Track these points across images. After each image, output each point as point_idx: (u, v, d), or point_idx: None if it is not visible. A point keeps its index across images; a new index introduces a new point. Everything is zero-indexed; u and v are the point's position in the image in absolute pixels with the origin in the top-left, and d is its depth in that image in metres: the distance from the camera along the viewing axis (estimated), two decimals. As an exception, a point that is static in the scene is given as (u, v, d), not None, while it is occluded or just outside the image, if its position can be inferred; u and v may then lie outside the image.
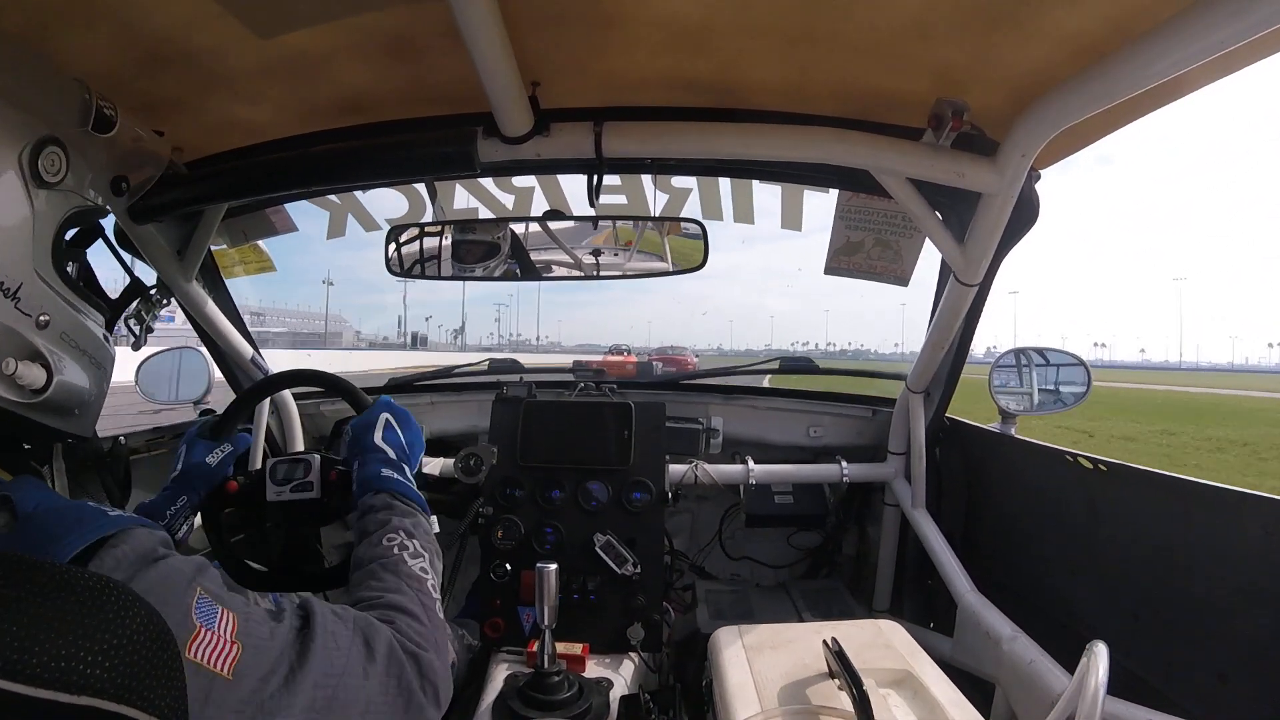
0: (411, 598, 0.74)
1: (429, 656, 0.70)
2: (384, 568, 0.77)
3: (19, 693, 0.35)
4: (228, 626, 0.54)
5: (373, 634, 0.66)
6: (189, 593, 0.53)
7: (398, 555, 0.78)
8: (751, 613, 1.77)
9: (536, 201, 1.67)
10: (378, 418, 0.97)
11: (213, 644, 0.51)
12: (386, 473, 0.90)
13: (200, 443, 1.07)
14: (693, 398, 2.02)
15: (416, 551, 0.80)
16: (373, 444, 0.94)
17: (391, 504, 0.86)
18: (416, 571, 0.78)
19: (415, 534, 0.83)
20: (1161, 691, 1.04)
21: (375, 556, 0.78)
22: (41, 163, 0.72)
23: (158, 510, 0.99)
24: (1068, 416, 1.68)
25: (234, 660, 0.52)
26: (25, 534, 0.53)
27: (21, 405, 0.69)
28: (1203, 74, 0.83)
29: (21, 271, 0.70)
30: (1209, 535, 1.01)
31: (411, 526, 0.84)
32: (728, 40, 0.99)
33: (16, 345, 0.69)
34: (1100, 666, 0.73)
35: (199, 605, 0.53)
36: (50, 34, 0.85)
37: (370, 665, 0.64)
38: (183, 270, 1.42)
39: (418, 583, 0.77)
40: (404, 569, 0.77)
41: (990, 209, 1.16)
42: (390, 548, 0.79)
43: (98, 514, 0.55)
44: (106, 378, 0.86)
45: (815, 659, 1.03)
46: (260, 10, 0.88)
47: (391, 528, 0.82)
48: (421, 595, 0.76)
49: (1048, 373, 1.67)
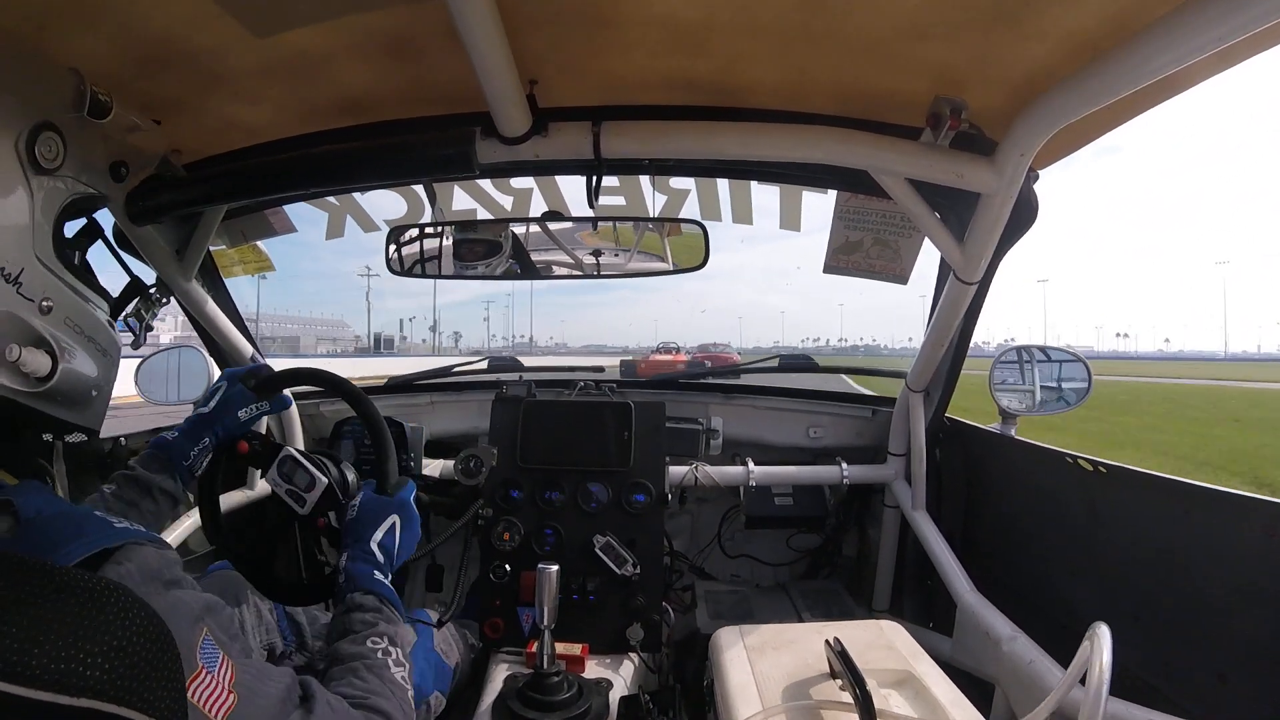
0: (396, 706, 0.75)
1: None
2: (369, 669, 0.78)
3: (18, 694, 0.35)
4: (226, 674, 0.54)
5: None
6: (195, 630, 0.53)
7: (382, 660, 0.79)
8: (751, 613, 1.77)
9: (535, 203, 1.67)
10: (387, 517, 0.96)
11: (211, 688, 0.51)
12: (379, 576, 0.90)
13: (239, 391, 1.06)
14: (692, 397, 2.02)
15: (399, 660, 0.82)
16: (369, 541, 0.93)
17: (380, 608, 0.86)
18: (399, 680, 0.79)
19: (398, 643, 0.84)
20: (1161, 691, 1.04)
21: (360, 655, 0.79)
22: (39, 149, 0.73)
23: (181, 450, 0.98)
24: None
25: (228, 709, 0.52)
26: (27, 539, 0.53)
27: (27, 394, 0.68)
28: (1201, 69, 0.83)
29: (22, 257, 0.70)
30: (1208, 536, 1.01)
31: (395, 635, 0.84)
32: (726, 40, 0.99)
33: (19, 331, 0.68)
34: (1105, 649, 0.73)
35: (204, 646, 0.53)
36: (49, 34, 0.85)
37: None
38: (182, 270, 1.43)
39: (401, 692, 0.78)
40: (387, 675, 0.78)
41: (989, 208, 1.16)
42: (375, 651, 0.80)
43: (103, 524, 0.55)
44: (114, 366, 0.85)
45: (817, 659, 1.03)
46: (258, 10, 0.88)
47: (378, 632, 0.82)
48: (404, 705, 0.77)
49: (1049, 370, 1.66)
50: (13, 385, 0.67)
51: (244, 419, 1.05)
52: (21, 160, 0.71)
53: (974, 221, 1.21)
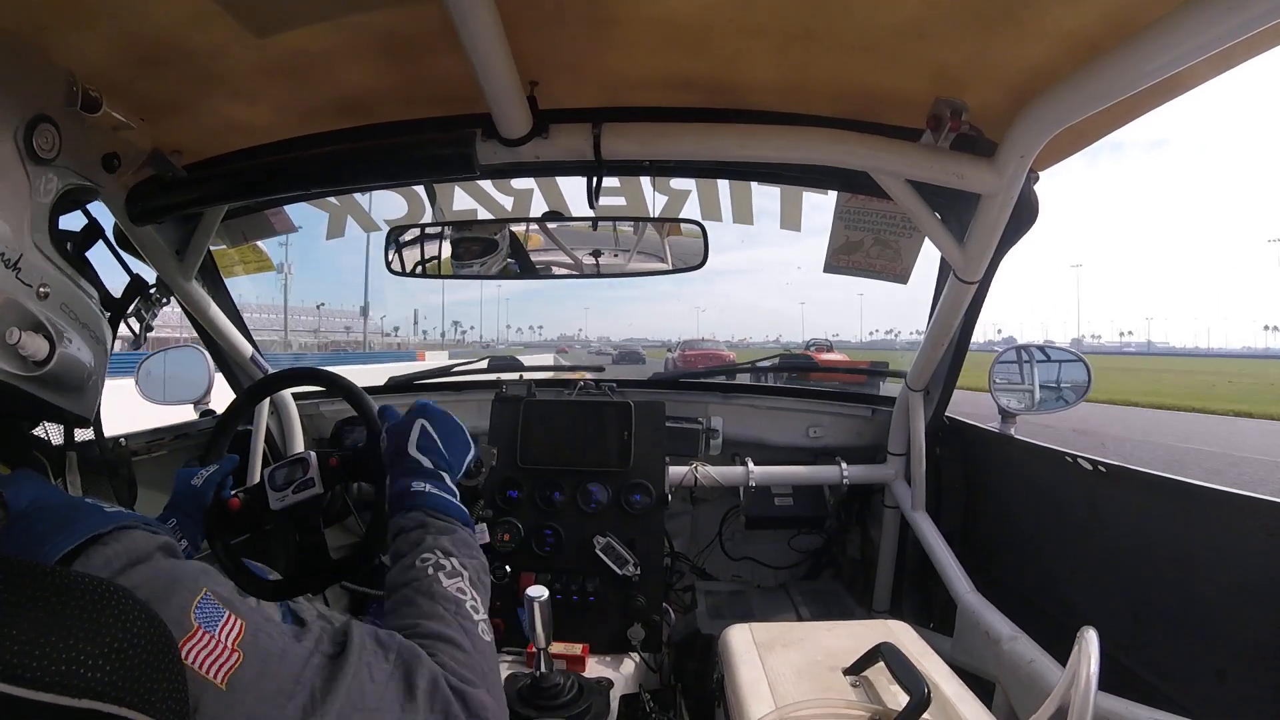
0: (450, 623, 0.67)
1: (477, 693, 0.62)
2: (417, 592, 0.70)
3: (19, 696, 0.35)
4: (231, 633, 0.50)
5: (416, 668, 0.60)
6: (190, 590, 0.50)
7: (432, 576, 0.71)
8: (751, 613, 1.77)
9: (535, 204, 1.67)
10: (413, 424, 0.90)
11: (209, 648, 0.48)
12: (418, 486, 0.82)
13: (185, 470, 1.06)
14: (692, 397, 2.02)
15: (454, 570, 0.73)
16: (407, 454, 0.86)
17: (425, 521, 0.78)
18: (453, 593, 0.70)
19: (454, 551, 0.75)
20: (1161, 689, 1.04)
21: (408, 580, 0.71)
22: (36, 139, 0.74)
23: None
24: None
25: (231, 669, 0.48)
26: (17, 531, 0.52)
27: (23, 378, 0.69)
28: (1202, 70, 0.83)
29: (21, 243, 0.71)
30: (1209, 536, 1.01)
31: (449, 544, 0.76)
32: (726, 40, 0.99)
33: (19, 315, 0.69)
34: (1091, 652, 0.74)
35: (201, 606, 0.50)
36: (47, 34, 0.85)
37: (409, 703, 0.57)
38: (182, 270, 1.43)
39: (455, 605, 0.69)
40: (439, 590, 0.70)
41: (990, 210, 1.16)
42: (424, 568, 0.72)
43: (92, 511, 0.53)
44: (106, 355, 0.86)
45: (826, 656, 1.04)
46: (258, 10, 0.88)
47: (426, 547, 0.74)
48: (461, 619, 0.68)
49: (1049, 370, 1.66)
50: (11, 369, 0.67)
51: (200, 485, 1.03)
52: (20, 150, 0.73)
53: (974, 222, 1.21)
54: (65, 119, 0.81)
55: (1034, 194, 1.20)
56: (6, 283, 0.68)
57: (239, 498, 1.07)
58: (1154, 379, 24.28)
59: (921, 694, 0.84)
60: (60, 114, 0.80)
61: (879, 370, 1.99)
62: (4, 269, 0.68)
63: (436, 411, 0.94)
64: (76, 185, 0.84)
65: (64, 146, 0.79)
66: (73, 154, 0.81)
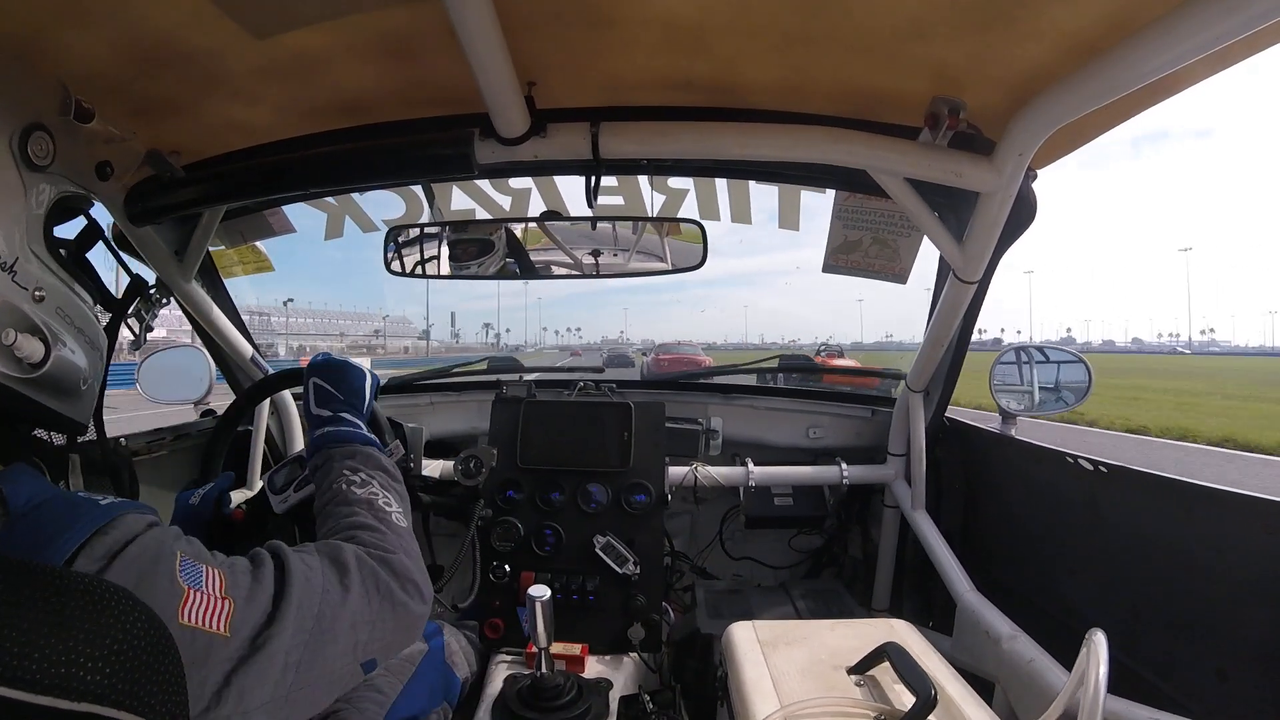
0: (364, 515, 0.77)
1: (397, 558, 0.73)
2: (334, 503, 0.80)
3: (19, 699, 0.35)
4: (215, 583, 0.55)
5: (338, 553, 0.69)
6: (169, 557, 0.54)
7: (345, 491, 0.81)
8: (751, 613, 1.77)
9: (534, 203, 1.67)
10: (307, 387, 0.98)
11: (204, 604, 0.52)
12: (319, 432, 0.92)
13: (182, 494, 1.08)
14: (692, 398, 2.02)
15: (363, 481, 0.83)
16: (311, 413, 0.96)
17: (330, 454, 0.88)
18: (364, 496, 0.80)
19: (359, 466, 0.85)
20: (1161, 689, 1.04)
21: (325, 502, 0.81)
22: (31, 147, 0.76)
23: None
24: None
25: (228, 616, 0.54)
26: (20, 532, 0.52)
27: (19, 380, 0.70)
28: (1199, 69, 0.83)
29: (16, 248, 0.72)
30: (1209, 535, 1.01)
31: (353, 463, 0.86)
32: (724, 40, 0.99)
33: (15, 318, 0.70)
34: (1101, 655, 0.74)
35: (183, 568, 0.54)
36: (46, 36, 0.85)
37: (346, 579, 0.67)
38: (182, 271, 1.43)
39: (366, 504, 0.79)
40: (352, 496, 0.80)
41: (988, 208, 1.16)
42: (335, 487, 0.82)
43: (90, 506, 0.55)
44: (102, 360, 0.87)
45: (830, 655, 1.04)
46: (257, 10, 0.88)
47: (335, 474, 0.84)
48: (374, 511, 0.78)
49: (1048, 370, 1.66)
50: (7, 370, 0.68)
51: (198, 504, 1.06)
52: (16, 157, 0.74)
53: (973, 221, 1.21)
54: (60, 127, 0.82)
55: (1032, 192, 1.20)
56: (2, 286, 0.69)
57: (242, 509, 1.08)
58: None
59: (928, 695, 0.83)
60: (55, 123, 0.81)
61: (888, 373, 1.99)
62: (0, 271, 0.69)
63: (322, 362, 1.01)
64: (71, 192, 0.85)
65: (58, 154, 0.80)
66: (67, 162, 0.83)
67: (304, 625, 0.60)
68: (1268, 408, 15.26)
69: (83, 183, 0.90)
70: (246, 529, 1.07)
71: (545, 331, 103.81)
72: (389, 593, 0.70)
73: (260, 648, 0.55)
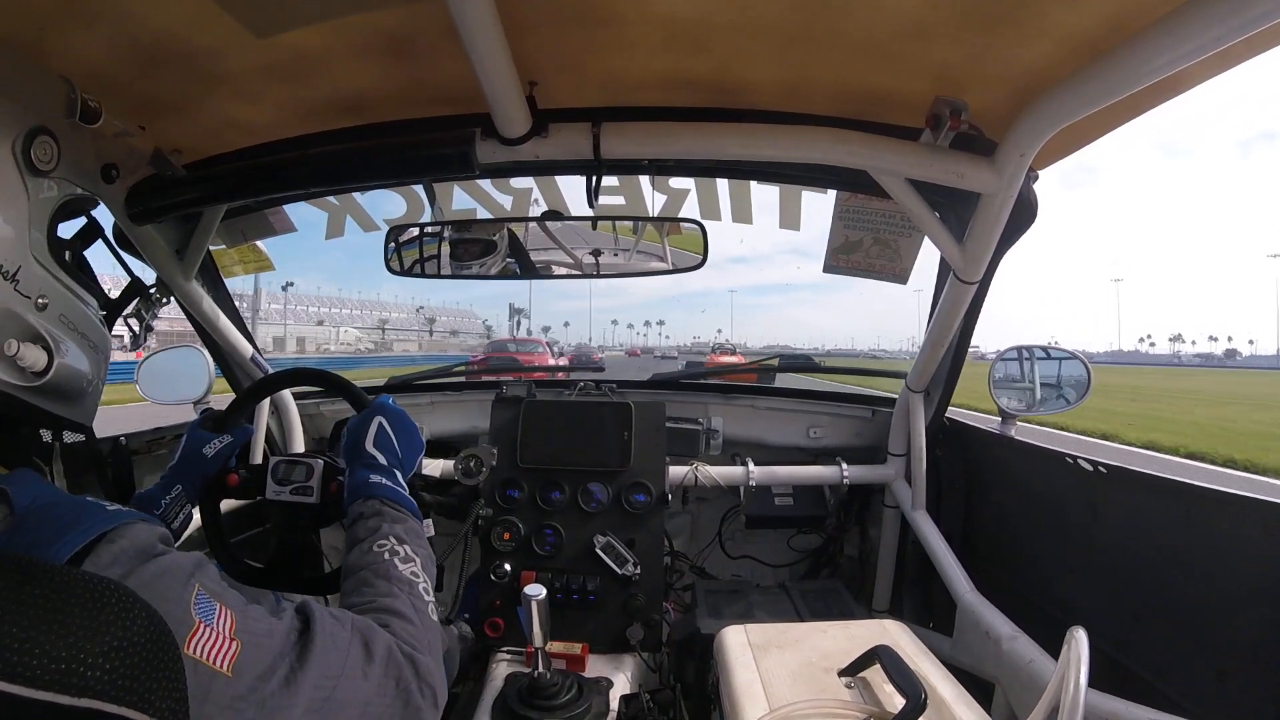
0: (404, 601, 0.75)
1: (425, 659, 0.71)
2: (375, 574, 0.77)
3: (19, 695, 0.35)
4: (226, 623, 0.54)
5: (371, 636, 0.67)
6: (188, 589, 0.53)
7: (388, 561, 0.78)
8: (751, 613, 1.77)
9: (535, 203, 1.67)
10: (371, 421, 0.96)
11: (212, 640, 0.51)
12: (375, 479, 0.89)
13: (200, 434, 1.07)
14: (692, 397, 2.02)
15: (407, 556, 0.80)
16: (364, 449, 0.93)
17: (381, 510, 0.86)
18: (407, 576, 0.78)
19: (406, 539, 0.83)
20: (1160, 689, 1.04)
21: (366, 564, 0.78)
22: (34, 151, 0.75)
23: (153, 499, 0.99)
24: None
25: (233, 656, 0.52)
26: (23, 531, 0.53)
27: (22, 388, 0.70)
28: (1201, 70, 0.83)
29: (19, 256, 0.72)
30: (1208, 536, 1.01)
31: (402, 532, 0.83)
32: (726, 40, 0.99)
33: (17, 327, 0.70)
34: (1082, 654, 0.75)
35: (198, 601, 0.53)
36: (48, 35, 0.85)
37: (369, 666, 0.65)
38: (182, 270, 1.43)
39: (409, 587, 0.77)
40: (395, 573, 0.77)
41: (989, 209, 1.16)
42: (380, 553, 0.79)
43: (96, 509, 0.55)
44: (105, 363, 0.87)
45: (821, 657, 1.04)
46: (258, 10, 0.88)
47: (382, 534, 0.82)
48: (413, 599, 0.76)
49: (1049, 370, 1.66)
50: (9, 379, 0.68)
51: (211, 455, 1.06)
52: (18, 162, 0.74)
53: (974, 221, 1.21)
54: (64, 130, 0.81)
55: (1033, 193, 1.20)
56: (5, 295, 0.69)
57: (239, 475, 1.08)
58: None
59: (917, 697, 0.83)
60: (59, 125, 0.80)
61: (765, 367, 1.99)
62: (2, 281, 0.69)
63: (394, 411, 1.00)
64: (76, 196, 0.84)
65: (63, 158, 0.79)
66: (72, 165, 0.82)
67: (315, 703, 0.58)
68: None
69: (88, 185, 0.89)
70: (235, 495, 1.08)
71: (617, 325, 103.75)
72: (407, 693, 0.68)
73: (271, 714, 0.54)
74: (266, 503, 1.06)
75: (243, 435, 1.12)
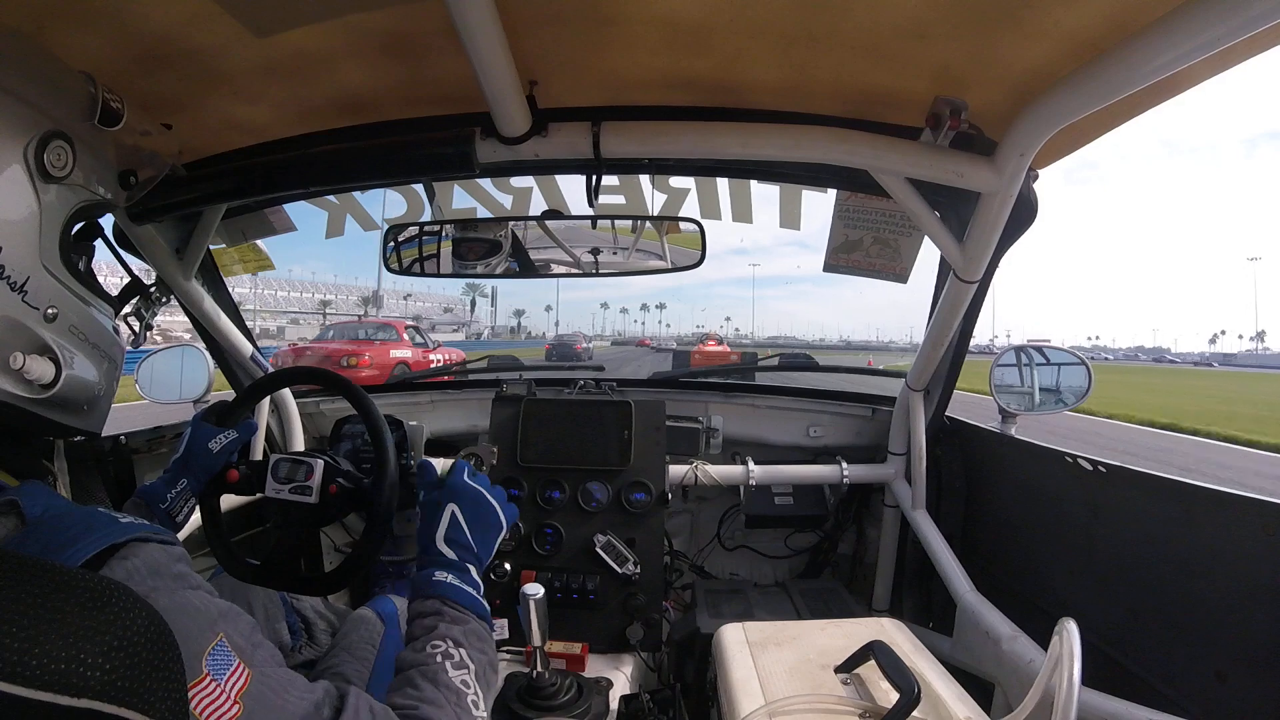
0: (448, 711, 0.69)
1: None
2: (423, 675, 0.72)
3: (18, 695, 0.35)
4: (237, 684, 0.51)
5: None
6: (207, 636, 0.52)
7: (439, 664, 0.73)
8: (751, 612, 1.77)
9: (535, 202, 1.67)
10: (443, 511, 0.89)
11: (214, 697, 0.50)
12: (439, 576, 0.83)
13: (205, 427, 1.07)
14: (692, 396, 2.02)
15: (461, 662, 0.74)
16: (434, 547, 0.86)
17: (441, 610, 0.80)
18: (457, 684, 0.72)
19: (464, 642, 0.77)
20: (1160, 690, 1.04)
21: (416, 663, 0.73)
22: (48, 157, 0.72)
23: (158, 494, 0.99)
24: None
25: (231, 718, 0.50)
26: (35, 538, 0.52)
27: (30, 401, 0.68)
28: (1201, 69, 0.83)
29: (29, 265, 0.70)
30: (1208, 536, 1.01)
31: (460, 635, 0.77)
32: (726, 39, 0.99)
33: (24, 339, 0.68)
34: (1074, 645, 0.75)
35: (215, 651, 0.51)
36: (46, 32, 0.85)
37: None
38: (182, 269, 1.43)
39: (456, 696, 0.71)
40: (443, 679, 0.72)
41: (989, 208, 1.16)
42: (433, 655, 0.74)
43: (109, 520, 0.54)
44: (117, 370, 0.85)
45: (819, 654, 1.04)
46: (258, 9, 0.88)
47: (438, 635, 0.76)
48: (459, 710, 0.70)
49: (1048, 371, 1.67)
50: (16, 392, 0.67)
51: (216, 450, 1.05)
52: (30, 169, 0.70)
53: (974, 221, 1.21)
54: (80, 134, 0.78)
55: (1033, 192, 1.20)
56: (12, 306, 0.67)
57: (240, 471, 1.08)
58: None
59: (911, 691, 0.84)
60: (75, 129, 0.77)
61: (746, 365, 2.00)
62: (10, 292, 0.67)
63: (469, 493, 0.92)
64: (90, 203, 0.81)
65: (78, 163, 0.76)
66: (87, 170, 0.78)
67: None
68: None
69: (104, 192, 0.84)
70: (234, 490, 1.08)
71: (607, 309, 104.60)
72: None
73: None
74: (266, 500, 1.05)
75: (247, 431, 1.11)
